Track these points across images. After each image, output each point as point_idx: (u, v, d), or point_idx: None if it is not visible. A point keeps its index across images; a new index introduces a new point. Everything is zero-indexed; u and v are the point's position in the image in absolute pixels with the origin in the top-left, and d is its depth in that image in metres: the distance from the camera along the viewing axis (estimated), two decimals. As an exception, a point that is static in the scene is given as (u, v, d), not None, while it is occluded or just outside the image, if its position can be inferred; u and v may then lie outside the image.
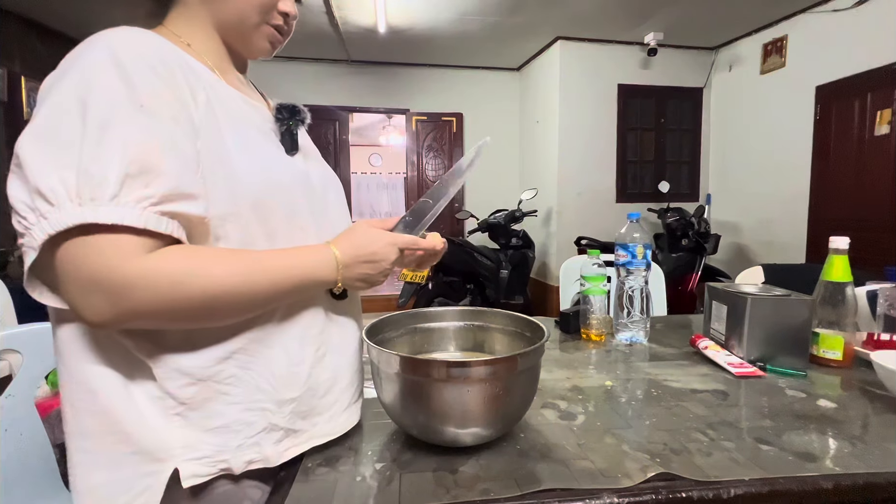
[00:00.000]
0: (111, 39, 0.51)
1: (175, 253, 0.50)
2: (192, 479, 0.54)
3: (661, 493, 0.53)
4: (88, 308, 0.47)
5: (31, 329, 1.00)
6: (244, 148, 0.57)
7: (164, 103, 0.50)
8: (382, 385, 0.64)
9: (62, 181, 0.45)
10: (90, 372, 0.53)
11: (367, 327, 0.70)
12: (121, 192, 0.45)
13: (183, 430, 0.54)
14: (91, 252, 0.46)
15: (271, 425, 0.58)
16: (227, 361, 0.55)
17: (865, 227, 3.18)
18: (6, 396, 0.94)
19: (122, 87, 0.48)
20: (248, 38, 0.64)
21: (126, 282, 0.46)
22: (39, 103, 0.48)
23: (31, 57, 3.68)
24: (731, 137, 4.40)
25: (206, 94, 0.55)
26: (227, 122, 0.56)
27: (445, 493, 0.53)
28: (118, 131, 0.46)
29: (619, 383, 0.87)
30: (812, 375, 0.90)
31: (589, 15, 3.76)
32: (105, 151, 0.45)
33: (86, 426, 0.54)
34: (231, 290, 0.51)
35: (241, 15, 0.62)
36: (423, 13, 3.73)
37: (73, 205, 0.45)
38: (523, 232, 3.97)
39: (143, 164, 0.47)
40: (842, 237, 0.96)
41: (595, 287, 1.14)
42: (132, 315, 0.48)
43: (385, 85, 5.03)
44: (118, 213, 0.45)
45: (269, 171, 0.58)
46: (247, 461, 0.57)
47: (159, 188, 0.47)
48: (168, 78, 0.52)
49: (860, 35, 3.24)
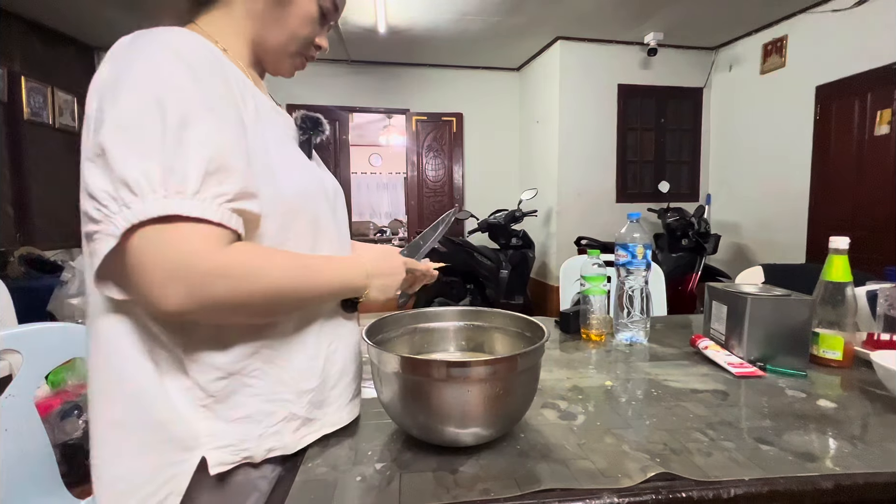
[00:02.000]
0: (172, 39, 0.53)
1: (244, 249, 0.53)
2: (219, 467, 0.56)
3: (661, 493, 0.53)
4: (166, 296, 0.48)
5: (31, 329, 1.00)
6: (281, 152, 0.61)
7: (226, 104, 0.54)
8: (382, 385, 0.64)
9: (145, 174, 0.47)
10: (127, 363, 0.55)
11: (367, 327, 0.70)
12: (202, 188, 0.48)
13: (208, 420, 0.57)
14: (176, 242, 0.48)
15: (291, 414, 0.61)
16: (253, 357, 0.58)
17: (865, 227, 3.18)
18: (6, 396, 0.94)
19: (193, 87, 0.51)
20: (281, 61, 0.69)
21: (207, 272, 0.49)
22: (109, 96, 0.50)
23: (31, 57, 3.68)
24: (731, 137, 4.40)
25: (252, 97, 0.59)
26: (268, 126, 0.60)
27: (445, 493, 0.53)
28: (195, 131, 0.49)
29: (619, 383, 0.87)
30: (812, 375, 0.90)
31: (589, 15, 3.76)
32: (186, 149, 0.48)
33: (118, 415, 0.55)
34: (288, 288, 0.56)
35: (284, 41, 0.67)
36: (423, 13, 3.73)
37: (158, 196, 0.47)
38: (523, 232, 3.97)
39: (219, 162, 0.50)
40: (842, 237, 0.96)
41: (595, 287, 1.14)
42: (207, 304, 0.50)
43: (385, 85, 5.02)
44: (201, 207, 0.48)
45: (302, 176, 0.63)
46: (267, 449, 0.59)
47: (232, 186, 0.51)
48: (225, 81, 0.55)
49: (860, 35, 3.24)
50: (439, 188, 5.23)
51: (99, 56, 4.34)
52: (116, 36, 0.54)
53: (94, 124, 0.50)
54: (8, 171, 3.47)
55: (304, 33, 0.67)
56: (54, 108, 3.84)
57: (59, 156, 3.93)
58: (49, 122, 3.80)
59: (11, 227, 3.48)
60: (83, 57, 4.24)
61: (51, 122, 3.81)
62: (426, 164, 5.18)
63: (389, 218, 8.99)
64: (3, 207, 3.43)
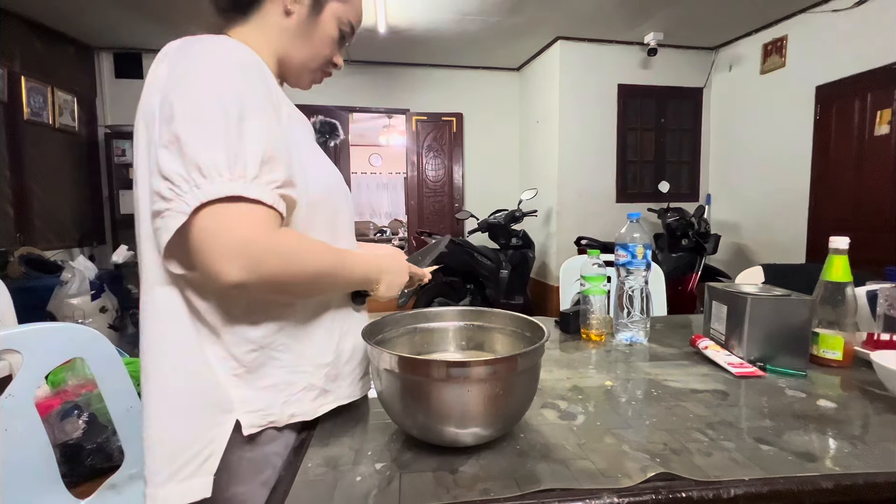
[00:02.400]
0: (224, 45, 0.60)
1: (292, 233, 0.61)
2: (250, 429, 0.64)
3: (661, 493, 0.53)
4: (228, 271, 0.53)
5: (31, 329, 1.00)
6: (309, 151, 0.69)
7: (271, 104, 0.61)
8: (382, 385, 0.64)
9: (213, 160, 0.53)
10: (177, 332, 0.62)
11: (367, 327, 0.71)
12: (259, 174, 0.55)
13: (239, 388, 0.64)
14: (238, 220, 0.54)
15: (310, 385, 0.68)
16: (280, 333, 0.65)
17: (865, 227, 3.18)
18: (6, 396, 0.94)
19: (246, 87, 0.58)
20: (302, 75, 0.76)
21: (263, 249, 0.55)
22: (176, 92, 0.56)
23: (31, 57, 3.68)
24: (731, 137, 4.40)
25: (283, 102, 0.66)
26: (295, 127, 0.67)
27: (445, 493, 0.53)
28: (251, 125, 0.56)
29: (619, 383, 0.87)
30: (812, 375, 0.90)
31: (589, 15, 3.76)
32: (245, 140, 0.55)
33: (167, 382, 0.61)
34: (325, 272, 0.63)
35: (308, 58, 0.74)
36: (423, 13, 3.73)
37: (224, 179, 0.53)
38: (523, 232, 3.97)
39: (270, 153, 0.57)
40: (842, 237, 0.95)
41: (595, 287, 1.14)
42: (262, 279, 0.55)
43: (385, 85, 5.02)
44: (259, 190, 0.55)
45: (327, 174, 0.71)
46: (290, 414, 0.66)
47: (280, 174, 0.57)
48: (266, 84, 0.62)
49: (860, 35, 3.24)
50: (439, 188, 5.23)
51: (99, 56, 4.35)
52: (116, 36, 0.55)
53: (163, 116, 0.56)
54: (8, 171, 3.47)
55: (325, 52, 0.74)
56: (54, 108, 3.84)
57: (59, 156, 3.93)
58: (49, 122, 3.80)
59: (11, 227, 3.48)
60: (83, 57, 4.24)
61: (51, 122, 3.81)
62: (426, 164, 5.18)
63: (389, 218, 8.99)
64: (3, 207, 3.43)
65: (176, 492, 0.59)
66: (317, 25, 0.71)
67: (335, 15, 0.72)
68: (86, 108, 4.24)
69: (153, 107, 0.58)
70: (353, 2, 0.75)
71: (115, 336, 3.20)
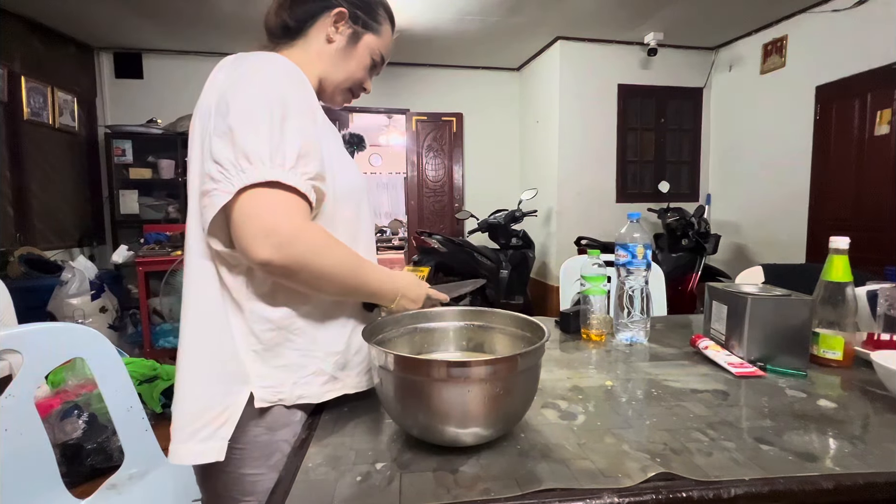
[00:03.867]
0: (274, 59, 0.70)
1: (320, 228, 0.67)
2: (261, 402, 0.70)
3: (661, 492, 0.53)
4: (260, 248, 0.60)
5: (31, 329, 1.00)
6: (338, 155, 0.76)
7: (309, 110, 0.69)
8: (383, 385, 0.64)
9: (258, 149, 0.61)
10: (208, 303, 0.69)
11: (368, 327, 0.71)
12: (296, 166, 0.63)
13: (256, 364, 0.70)
14: (277, 205, 0.62)
15: (319, 370, 0.73)
16: (298, 317, 0.71)
17: (865, 227, 3.18)
18: (6, 396, 0.94)
19: (290, 93, 0.67)
20: (336, 94, 0.86)
21: (294, 235, 0.62)
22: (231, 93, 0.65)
23: (31, 57, 3.68)
24: (731, 137, 4.40)
25: (320, 111, 0.75)
26: (328, 134, 0.76)
27: (446, 493, 0.53)
28: (292, 124, 0.64)
29: (619, 383, 0.87)
30: (812, 375, 0.90)
31: (589, 15, 3.76)
32: (285, 136, 0.63)
33: (196, 346, 0.69)
34: (343, 272, 0.69)
35: (342, 80, 0.84)
36: (423, 13, 3.73)
37: (266, 167, 0.61)
38: (523, 232, 3.97)
39: (306, 149, 0.65)
40: (842, 237, 0.95)
41: (595, 287, 1.14)
42: (287, 261, 0.62)
43: (385, 85, 5.02)
44: (294, 179, 0.63)
45: (354, 177, 0.78)
46: (298, 395, 0.72)
47: (314, 168, 0.66)
48: (310, 93, 0.72)
49: (860, 35, 3.24)
50: (439, 188, 5.23)
51: (99, 56, 4.34)
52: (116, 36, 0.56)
53: (219, 111, 0.65)
54: (8, 171, 3.46)
55: (358, 77, 0.85)
56: (54, 108, 3.84)
57: (59, 156, 3.93)
58: (49, 122, 3.80)
59: (11, 227, 3.48)
60: (83, 57, 4.24)
61: (51, 122, 3.81)
62: (426, 164, 5.18)
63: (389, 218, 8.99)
64: (3, 207, 3.43)
65: (194, 451, 0.66)
66: (353, 53, 0.82)
67: (369, 46, 0.83)
68: (86, 108, 4.24)
69: (210, 105, 0.67)
70: (384, 37, 0.85)
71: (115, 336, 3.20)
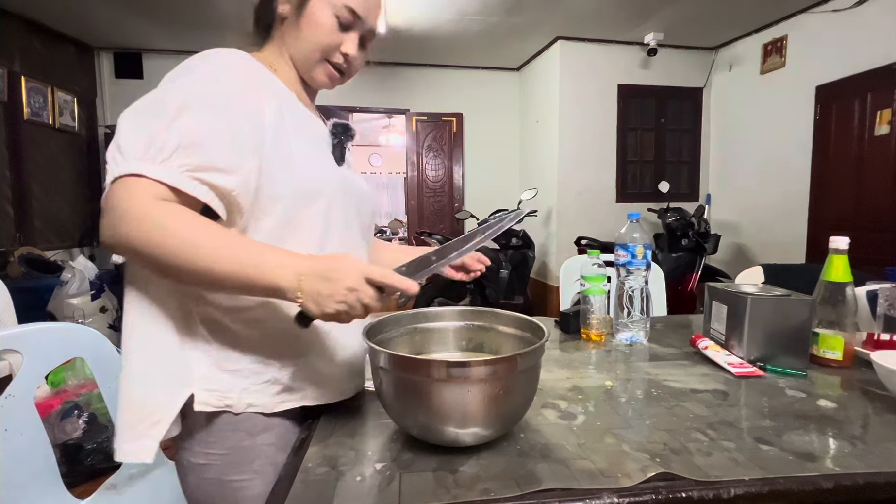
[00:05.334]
0: (210, 57, 0.66)
1: (171, 208, 0.58)
2: (202, 406, 0.66)
3: (661, 492, 0.53)
4: (101, 229, 0.59)
5: (31, 329, 1.00)
6: (302, 150, 0.70)
7: (236, 104, 0.64)
8: (382, 385, 0.64)
9: (132, 144, 0.58)
10: (148, 297, 0.65)
11: (367, 327, 0.71)
12: (170, 158, 0.58)
13: (202, 364, 0.66)
14: (126, 192, 0.57)
15: (274, 379, 0.69)
16: (252, 322, 0.67)
17: (865, 227, 3.18)
18: (6, 396, 0.94)
19: (203, 87, 0.63)
20: (310, 71, 0.77)
21: (124, 213, 0.57)
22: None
23: (31, 57, 3.68)
24: (731, 137, 4.40)
25: (279, 104, 0.69)
26: (295, 128, 0.71)
27: (445, 493, 0.53)
28: (188, 118, 0.60)
29: (619, 383, 0.87)
30: (812, 375, 0.90)
31: (589, 15, 3.76)
32: (172, 129, 0.59)
33: (137, 346, 0.65)
34: (192, 259, 0.57)
35: (307, 52, 0.75)
36: (423, 13, 3.73)
37: (134, 161, 0.57)
38: (523, 232, 3.97)
39: (194, 140, 0.59)
40: (842, 237, 0.96)
41: (595, 287, 1.14)
42: (117, 242, 0.58)
43: (385, 85, 5.02)
44: (161, 171, 0.58)
45: (316, 172, 0.72)
46: (247, 403, 0.68)
47: (196, 159, 0.59)
48: (247, 88, 0.66)
49: (860, 35, 3.23)
50: (439, 188, 5.23)
51: (99, 56, 4.34)
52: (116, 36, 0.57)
53: None
54: (8, 171, 3.46)
55: (323, 41, 0.74)
56: (54, 108, 3.84)
57: (59, 156, 3.93)
58: (49, 122, 3.80)
59: (11, 227, 3.48)
60: (83, 57, 4.23)
61: (51, 122, 3.81)
62: (426, 164, 5.17)
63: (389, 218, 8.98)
64: (3, 207, 3.43)
65: (125, 449, 0.64)
66: (307, 19, 0.73)
67: (325, 3, 0.72)
68: (86, 108, 4.24)
69: None
70: None
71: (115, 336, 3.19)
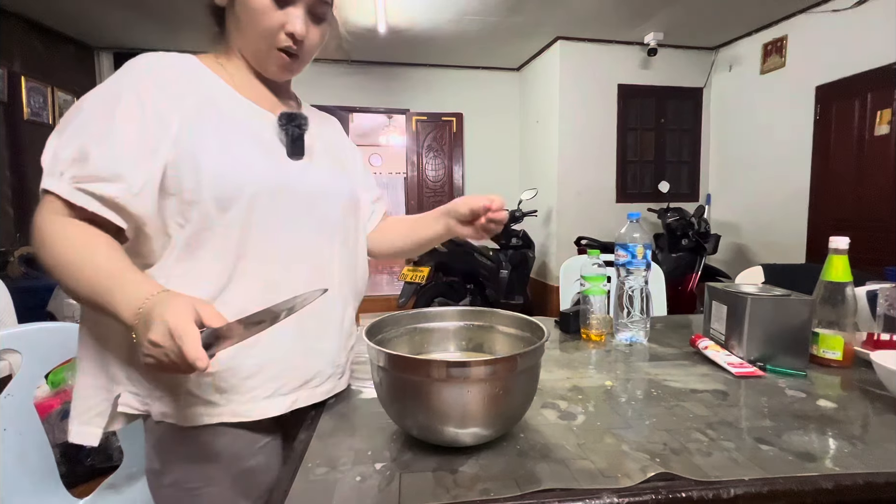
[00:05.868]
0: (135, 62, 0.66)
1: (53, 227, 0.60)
2: (124, 407, 0.66)
3: (660, 492, 0.53)
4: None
5: (31, 329, 1.00)
6: (224, 149, 0.66)
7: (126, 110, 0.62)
8: (382, 385, 0.64)
9: (45, 159, 0.61)
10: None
11: (367, 327, 0.70)
12: (66, 171, 0.60)
13: (127, 366, 0.66)
14: (38, 209, 0.61)
15: (187, 391, 0.66)
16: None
17: (865, 227, 3.18)
18: (5, 396, 0.94)
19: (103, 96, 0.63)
20: (262, 62, 0.73)
21: (33, 230, 0.61)
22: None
23: (31, 57, 3.68)
24: (731, 137, 4.40)
25: (197, 102, 0.66)
26: (218, 127, 0.67)
27: (445, 493, 0.53)
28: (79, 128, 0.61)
29: (619, 383, 0.87)
30: (812, 375, 0.90)
31: (589, 15, 3.76)
32: (68, 141, 0.60)
33: (85, 341, 0.68)
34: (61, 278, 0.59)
35: (252, 41, 0.71)
36: (423, 13, 3.73)
37: (45, 176, 0.61)
38: (523, 232, 3.97)
39: (83, 152, 0.60)
40: (842, 237, 0.95)
41: (595, 287, 1.14)
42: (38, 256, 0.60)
43: (385, 85, 5.02)
44: (58, 185, 0.60)
45: (233, 172, 0.66)
46: (161, 413, 0.66)
47: (82, 171, 0.60)
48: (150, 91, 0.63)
49: (860, 35, 3.23)
50: (439, 188, 5.23)
51: (99, 56, 4.35)
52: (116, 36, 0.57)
53: None
54: (8, 171, 3.46)
55: (263, 25, 0.68)
56: (54, 108, 3.84)
57: (59, 156, 3.93)
58: (49, 122, 3.80)
59: (11, 227, 3.48)
60: (83, 57, 4.23)
61: (51, 122, 3.81)
62: (426, 164, 5.18)
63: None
64: (3, 207, 3.43)
65: (76, 431, 0.67)
66: (239, 2, 0.68)
67: None
68: (86, 108, 4.24)
69: None
70: None
71: (115, 336, 3.19)
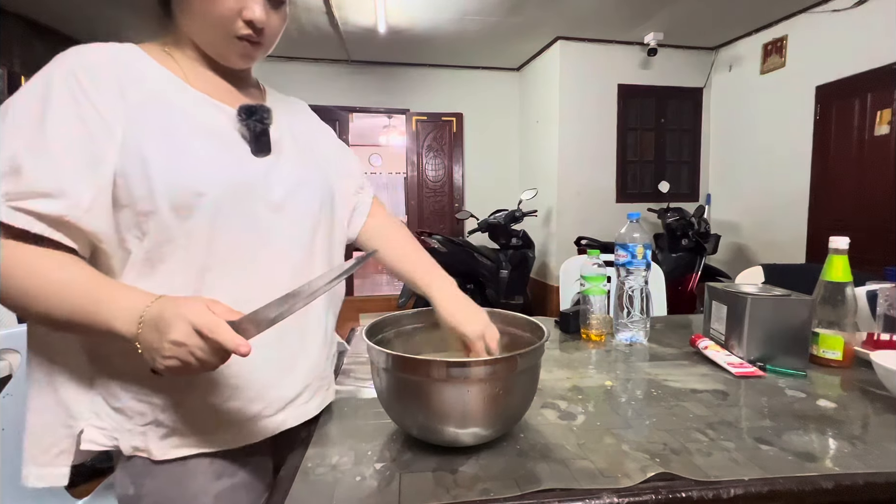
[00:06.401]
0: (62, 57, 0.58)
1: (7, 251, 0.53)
2: (89, 444, 0.60)
3: (660, 493, 0.53)
4: None
5: (31, 329, 1.00)
6: (176, 150, 0.59)
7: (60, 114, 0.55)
8: (382, 385, 0.64)
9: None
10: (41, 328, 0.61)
11: (367, 327, 0.70)
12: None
13: (90, 399, 0.61)
14: None
15: (157, 421, 0.61)
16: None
17: (865, 227, 3.18)
18: (5, 396, 0.94)
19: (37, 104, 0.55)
20: (220, 51, 0.66)
21: None
22: None
23: (31, 57, 3.68)
24: (731, 137, 4.40)
25: (142, 100, 0.59)
26: (169, 124, 0.60)
27: (445, 493, 0.53)
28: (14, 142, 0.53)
29: (619, 383, 0.87)
30: (812, 375, 0.90)
31: (589, 15, 3.76)
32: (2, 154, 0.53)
33: (33, 376, 0.61)
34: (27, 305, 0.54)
35: (207, 29, 0.64)
36: (423, 13, 3.73)
37: None
38: (523, 232, 3.97)
39: (14, 166, 0.53)
40: (842, 237, 0.95)
41: (595, 287, 1.14)
42: None
43: (385, 85, 5.02)
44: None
45: (196, 175, 0.59)
46: (133, 447, 0.61)
47: (14, 187, 0.52)
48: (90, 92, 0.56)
49: (860, 35, 3.23)
50: (439, 188, 5.23)
51: (99, 56, 4.34)
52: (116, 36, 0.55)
53: None
54: (8, 171, 3.46)
55: (217, 11, 0.61)
56: (54, 108, 3.84)
57: (59, 156, 3.93)
58: (49, 122, 3.80)
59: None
60: (83, 57, 4.23)
61: (51, 122, 3.81)
62: (426, 164, 5.18)
63: (389, 218, 8.97)
64: (3, 207, 3.42)
65: (36, 474, 0.62)
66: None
67: None
68: (86, 108, 4.24)
69: None
70: None
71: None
